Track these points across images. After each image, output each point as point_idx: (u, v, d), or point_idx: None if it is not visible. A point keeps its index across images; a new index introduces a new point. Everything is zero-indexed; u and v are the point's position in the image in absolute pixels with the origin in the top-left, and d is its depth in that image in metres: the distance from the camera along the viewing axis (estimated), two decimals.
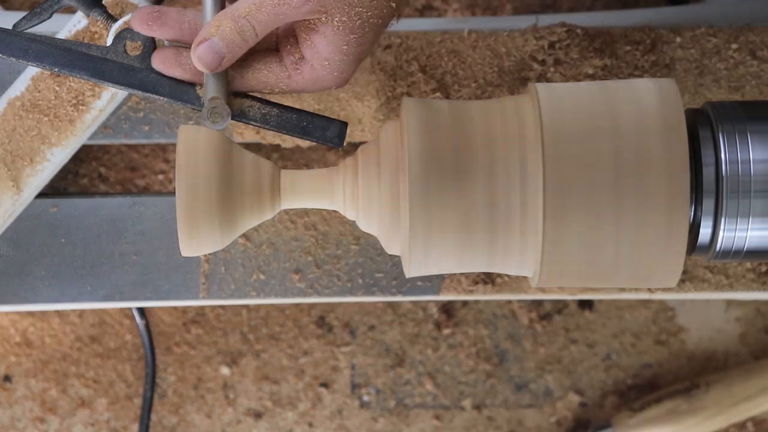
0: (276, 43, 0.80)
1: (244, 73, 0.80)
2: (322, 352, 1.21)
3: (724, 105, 0.78)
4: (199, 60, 0.77)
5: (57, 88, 0.87)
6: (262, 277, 1.00)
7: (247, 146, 1.01)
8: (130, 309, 1.17)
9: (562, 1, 1.23)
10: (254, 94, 0.81)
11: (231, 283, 0.99)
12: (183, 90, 0.81)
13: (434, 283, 1.00)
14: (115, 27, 0.84)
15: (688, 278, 0.99)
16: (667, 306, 1.21)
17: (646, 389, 1.20)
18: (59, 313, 1.19)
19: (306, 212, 1.00)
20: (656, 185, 0.74)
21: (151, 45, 0.82)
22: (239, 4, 0.76)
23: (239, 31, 0.76)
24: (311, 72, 0.79)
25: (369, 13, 0.76)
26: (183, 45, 0.81)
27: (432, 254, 0.77)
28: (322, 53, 0.78)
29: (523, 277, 0.98)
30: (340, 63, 0.78)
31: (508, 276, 0.99)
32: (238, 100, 0.81)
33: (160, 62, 0.80)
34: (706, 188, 0.76)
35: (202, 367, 1.20)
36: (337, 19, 0.76)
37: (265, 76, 0.79)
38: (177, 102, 0.81)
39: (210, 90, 0.79)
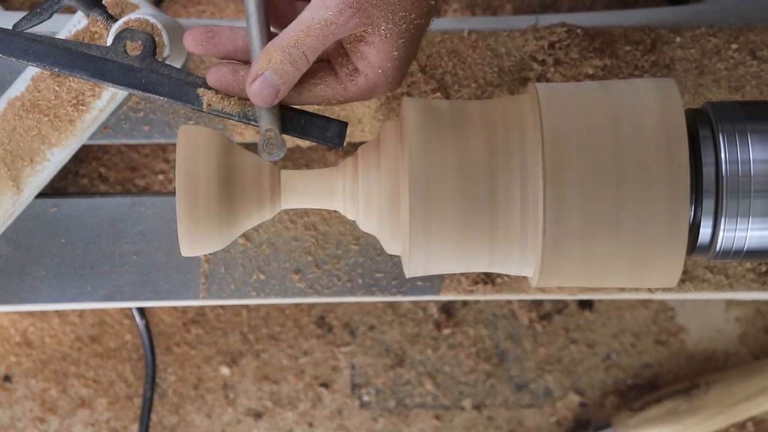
0: (326, 55, 0.80)
1: (300, 90, 0.79)
2: (322, 352, 1.21)
3: (724, 105, 0.78)
4: (256, 96, 0.76)
5: (57, 88, 0.87)
6: (262, 277, 1.00)
7: (247, 146, 1.01)
8: (130, 309, 1.17)
9: (562, 1, 1.23)
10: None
11: (231, 283, 0.99)
12: (183, 90, 0.81)
13: (434, 283, 1.00)
14: (115, 27, 0.84)
15: (688, 278, 0.99)
16: (667, 306, 1.21)
17: (646, 389, 1.20)
18: (59, 313, 1.19)
19: (306, 212, 1.00)
20: (656, 185, 0.74)
21: (151, 45, 0.82)
22: (286, 33, 0.76)
23: (291, 61, 0.75)
24: (366, 81, 0.78)
25: (413, 15, 0.76)
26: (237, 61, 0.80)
27: (432, 254, 0.77)
28: (374, 62, 0.77)
29: (523, 277, 0.98)
30: (393, 69, 0.78)
31: (508, 276, 0.99)
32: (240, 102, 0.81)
33: (216, 81, 0.80)
34: (706, 188, 0.76)
35: (202, 367, 1.20)
36: (383, 27, 0.76)
37: (322, 91, 0.79)
38: (177, 102, 0.81)
39: (264, 121, 0.79)
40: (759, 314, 1.21)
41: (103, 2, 0.85)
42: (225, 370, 1.20)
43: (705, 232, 0.77)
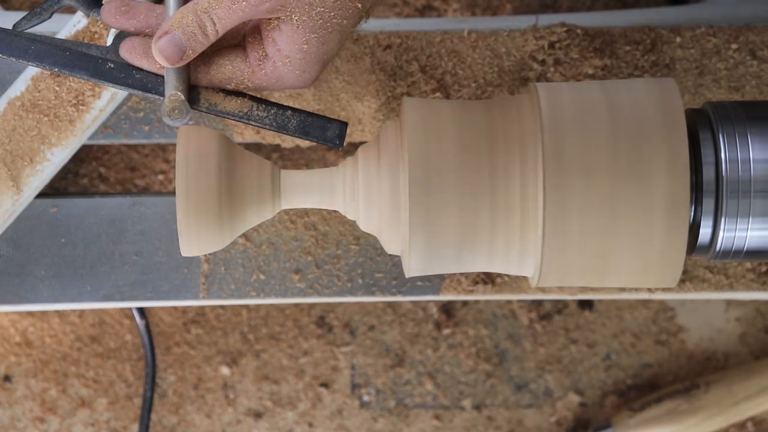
0: (240, 38, 0.80)
1: (209, 68, 0.79)
2: (322, 352, 1.21)
3: (724, 105, 0.78)
4: (161, 53, 0.76)
5: (57, 88, 0.87)
6: (262, 277, 1.00)
7: (247, 146, 1.01)
8: (130, 309, 1.17)
9: (562, 1, 1.23)
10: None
11: (231, 283, 0.99)
12: None
13: (434, 283, 1.00)
14: None
15: (688, 278, 0.99)
16: (667, 306, 1.21)
17: (646, 389, 1.20)
18: (59, 313, 1.19)
19: (306, 212, 1.00)
20: (656, 185, 0.74)
21: None
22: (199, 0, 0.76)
23: (200, 25, 0.75)
24: (273, 69, 0.78)
25: (331, 14, 0.76)
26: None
27: (432, 254, 0.77)
28: (282, 51, 0.77)
29: (523, 277, 0.98)
30: (301, 61, 0.77)
31: (508, 276, 0.99)
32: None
33: (126, 51, 0.80)
34: (706, 188, 0.76)
35: (202, 367, 1.20)
36: (296, 17, 0.76)
37: (229, 71, 0.79)
38: None
39: (170, 85, 0.78)
40: (759, 314, 1.21)
41: (103, 2, 0.85)
42: (225, 370, 1.20)
43: (705, 232, 0.77)
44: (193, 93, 0.81)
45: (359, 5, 0.76)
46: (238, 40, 0.79)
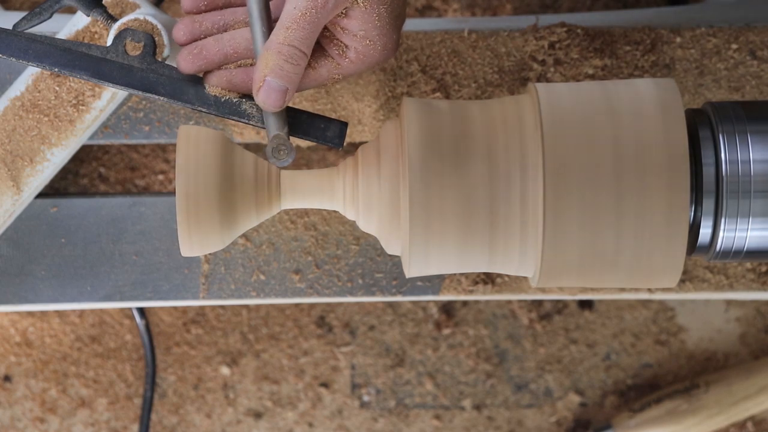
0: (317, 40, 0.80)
1: None
2: (322, 352, 1.21)
3: (724, 105, 0.78)
4: (265, 104, 0.76)
5: (57, 88, 0.87)
6: (262, 277, 1.00)
7: (247, 146, 1.01)
8: (130, 309, 1.17)
9: (562, 1, 1.23)
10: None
11: (231, 283, 0.99)
12: (183, 90, 0.81)
13: (434, 283, 1.00)
14: (115, 27, 0.84)
15: (688, 278, 0.99)
16: (667, 306, 1.21)
17: (646, 389, 1.20)
18: (59, 313, 1.19)
19: (306, 212, 1.00)
20: (656, 185, 0.74)
21: (151, 45, 0.82)
22: (274, 33, 0.75)
23: (287, 59, 0.75)
24: (357, 55, 0.78)
25: None
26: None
27: (432, 254, 0.77)
28: (359, 35, 0.77)
29: (523, 277, 0.98)
30: (380, 37, 0.78)
31: (508, 276, 0.99)
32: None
33: (217, 85, 0.80)
34: (706, 188, 0.76)
35: (202, 367, 1.20)
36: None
37: (317, 73, 0.79)
38: (176, 102, 0.81)
39: (272, 127, 0.79)
40: (759, 314, 1.21)
41: (103, 2, 0.85)
42: (225, 370, 1.20)
43: (705, 232, 0.77)
44: (193, 92, 0.81)
45: None
46: None
